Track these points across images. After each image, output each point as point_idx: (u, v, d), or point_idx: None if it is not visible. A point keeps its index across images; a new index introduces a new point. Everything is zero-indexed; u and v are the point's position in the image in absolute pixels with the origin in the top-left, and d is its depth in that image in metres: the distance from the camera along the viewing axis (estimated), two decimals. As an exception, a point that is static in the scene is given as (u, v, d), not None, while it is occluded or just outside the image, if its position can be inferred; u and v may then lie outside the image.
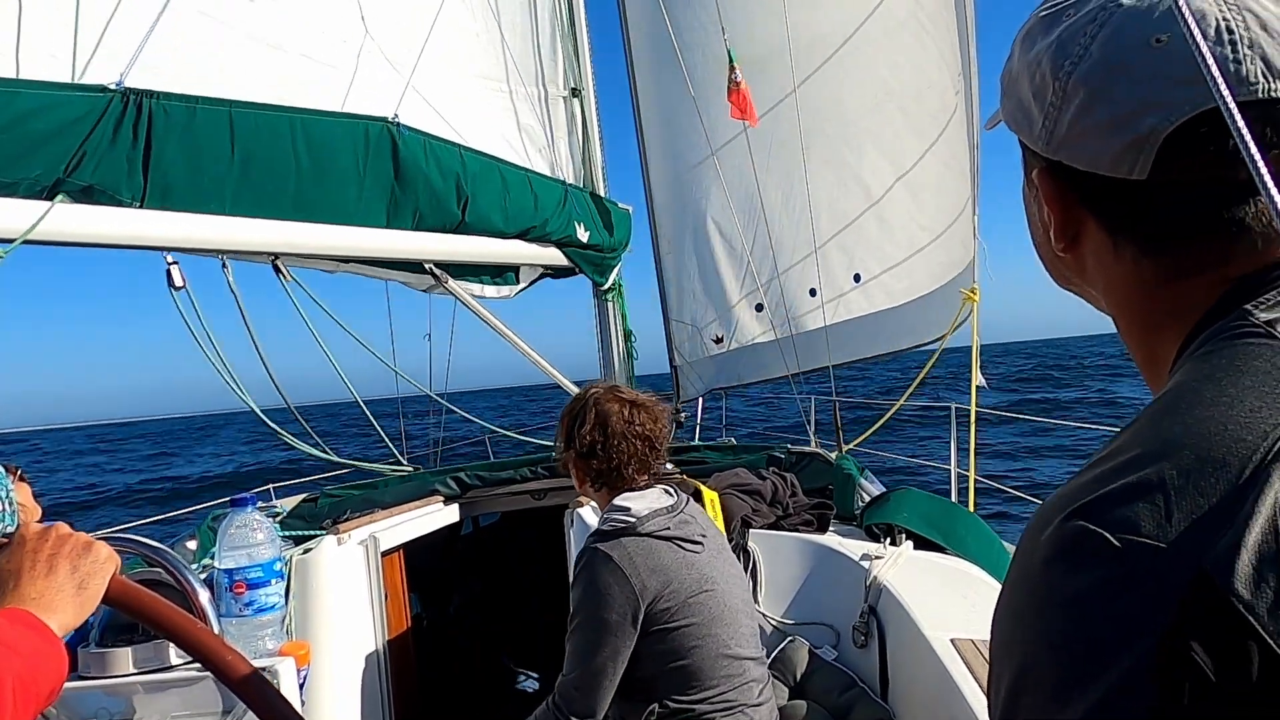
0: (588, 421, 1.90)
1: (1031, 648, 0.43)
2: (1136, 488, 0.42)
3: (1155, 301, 0.57)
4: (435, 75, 3.51)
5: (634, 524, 1.78)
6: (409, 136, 3.09)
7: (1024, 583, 0.46)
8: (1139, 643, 0.38)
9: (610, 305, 4.43)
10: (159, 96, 2.41)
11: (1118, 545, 0.40)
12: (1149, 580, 0.39)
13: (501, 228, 3.51)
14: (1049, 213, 0.61)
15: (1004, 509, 8.60)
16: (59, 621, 0.82)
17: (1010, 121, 0.63)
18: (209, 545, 2.81)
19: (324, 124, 2.84)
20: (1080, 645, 0.40)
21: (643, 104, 6.60)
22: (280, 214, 2.73)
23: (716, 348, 6.65)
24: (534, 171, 3.82)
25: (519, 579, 3.88)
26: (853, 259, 6.05)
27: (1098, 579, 0.40)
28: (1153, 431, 0.46)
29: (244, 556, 1.81)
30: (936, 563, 2.45)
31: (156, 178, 2.40)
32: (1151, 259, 0.56)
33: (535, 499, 3.25)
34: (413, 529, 2.88)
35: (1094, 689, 0.39)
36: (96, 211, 2.30)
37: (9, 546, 0.88)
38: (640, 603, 1.71)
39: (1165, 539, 0.39)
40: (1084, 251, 0.60)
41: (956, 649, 1.90)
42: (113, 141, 2.30)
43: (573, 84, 4.36)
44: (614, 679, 1.72)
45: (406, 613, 2.88)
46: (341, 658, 2.36)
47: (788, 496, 2.78)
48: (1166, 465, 0.42)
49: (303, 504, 3.33)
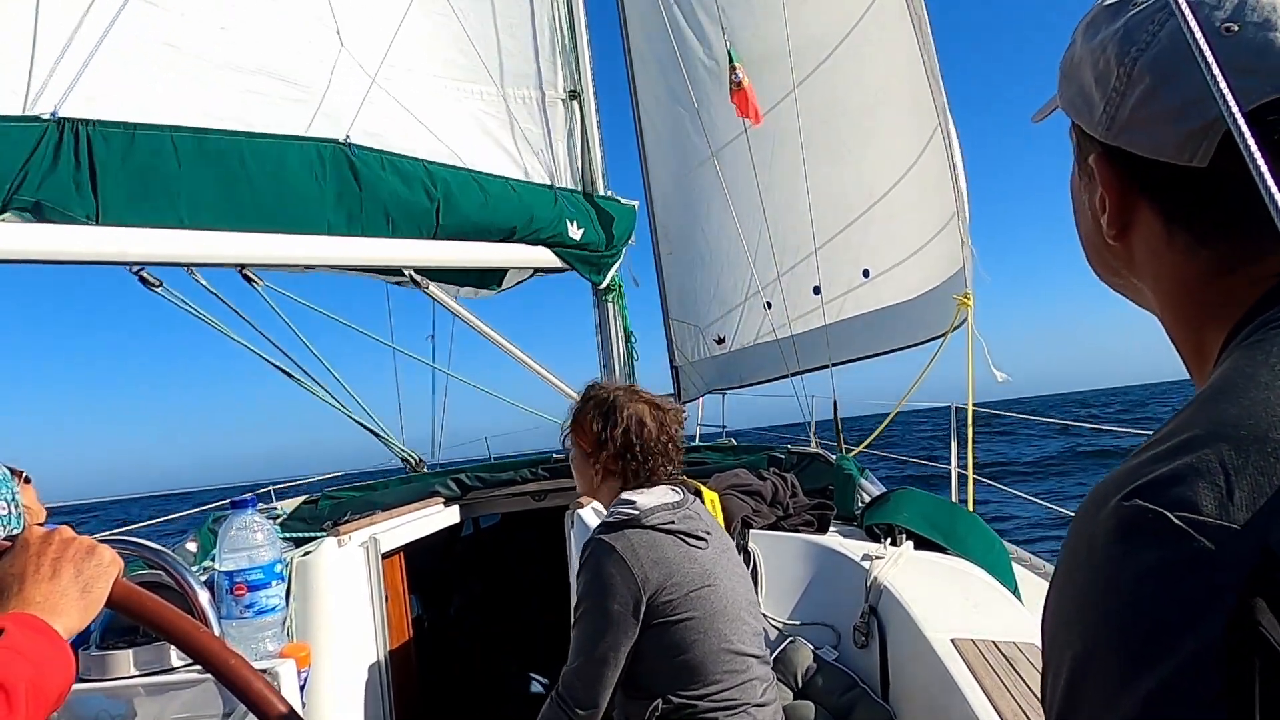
0: (621, 421, 1.89)
1: (1093, 631, 0.42)
2: (1195, 468, 0.41)
3: (1206, 293, 0.56)
4: (428, 82, 3.51)
5: (638, 516, 1.79)
6: (363, 155, 3.10)
7: (1082, 566, 0.44)
8: (1206, 624, 0.37)
9: (610, 306, 4.42)
10: (94, 124, 2.47)
11: (1179, 525, 0.39)
12: (1213, 560, 0.38)
13: (484, 230, 3.50)
14: (1103, 198, 0.60)
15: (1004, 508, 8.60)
16: (64, 625, 0.82)
17: (1069, 108, 0.63)
18: (209, 547, 2.81)
19: (273, 147, 2.87)
20: (1144, 628, 0.39)
21: (643, 105, 6.60)
22: (244, 225, 2.76)
23: (719, 348, 6.65)
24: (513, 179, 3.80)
25: (519, 580, 3.88)
26: (859, 255, 6.05)
27: (1160, 560, 0.40)
28: (1207, 414, 0.45)
29: (244, 558, 1.80)
30: (937, 563, 2.45)
31: (107, 197, 2.45)
32: (1207, 249, 0.55)
33: (535, 500, 3.25)
34: (413, 530, 2.88)
35: (1159, 671, 0.38)
36: (50, 229, 2.35)
37: (12, 550, 0.87)
38: (642, 594, 1.72)
39: (1228, 518, 0.39)
40: (1135, 241, 0.60)
41: (957, 649, 1.90)
42: (54, 164, 2.36)
43: (571, 86, 4.35)
44: (615, 669, 1.73)
45: (407, 614, 2.88)
46: (342, 660, 2.36)
47: (788, 497, 2.78)
48: (1224, 445, 0.41)
49: (303, 506, 3.33)
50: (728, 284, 6.51)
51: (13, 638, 0.74)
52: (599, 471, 1.92)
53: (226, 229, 2.73)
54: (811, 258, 5.88)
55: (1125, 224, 0.60)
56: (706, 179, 6.06)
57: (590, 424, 1.91)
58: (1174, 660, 0.38)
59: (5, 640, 0.74)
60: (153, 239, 2.56)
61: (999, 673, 1.80)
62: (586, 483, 1.97)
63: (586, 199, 4.16)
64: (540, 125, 4.16)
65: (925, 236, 5.87)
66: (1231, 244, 0.55)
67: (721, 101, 5.00)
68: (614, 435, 1.88)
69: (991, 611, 2.15)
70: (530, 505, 3.27)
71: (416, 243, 3.27)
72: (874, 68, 5.78)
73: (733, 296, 6.50)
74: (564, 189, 4.06)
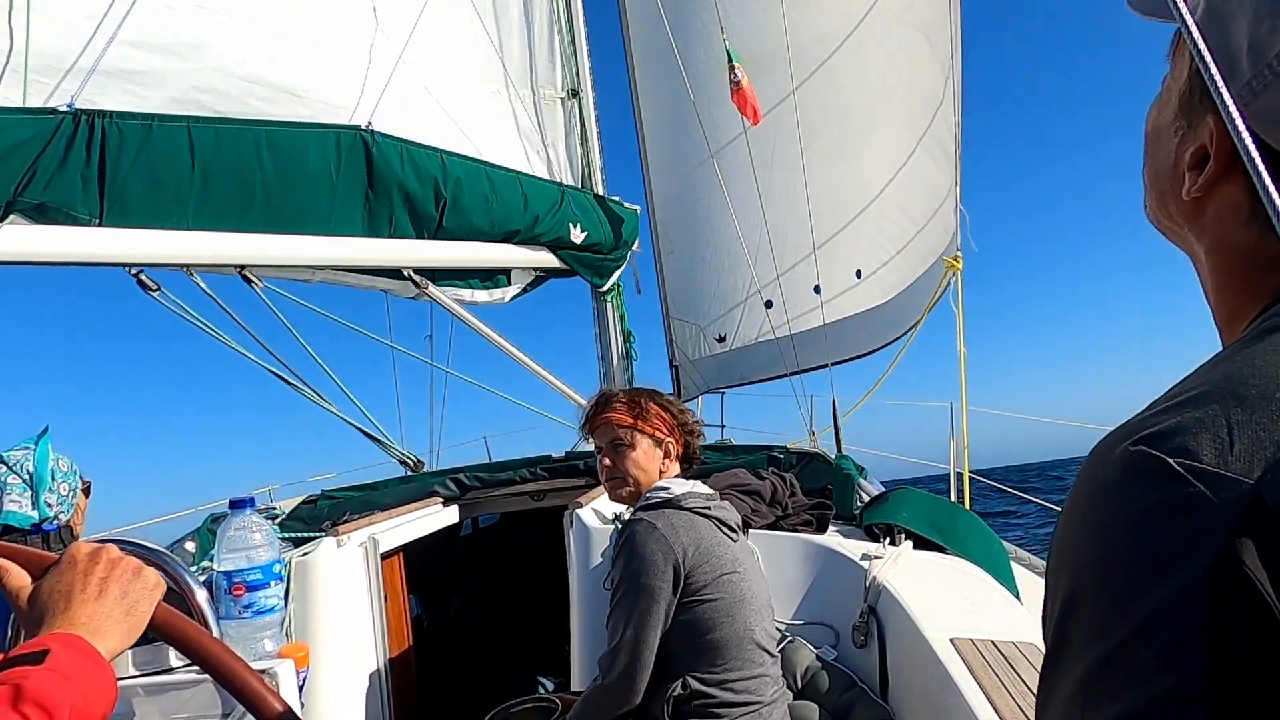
0: (687, 410, 2.08)
1: (1088, 561, 0.45)
2: (1200, 420, 0.44)
3: (1258, 272, 0.57)
4: (430, 79, 3.51)
5: (677, 498, 1.88)
6: (383, 143, 3.08)
7: (1082, 503, 0.47)
8: (1194, 560, 0.40)
9: (609, 306, 4.42)
10: (111, 116, 2.44)
11: (1178, 470, 0.42)
12: (1207, 503, 0.40)
13: (485, 231, 3.50)
14: (1200, 153, 0.58)
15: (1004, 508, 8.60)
16: (108, 647, 0.80)
17: (1203, 47, 0.55)
18: (208, 547, 2.81)
19: (291, 135, 2.85)
20: (1137, 559, 0.42)
21: (643, 104, 6.59)
22: (247, 226, 2.75)
23: (719, 346, 6.65)
24: (525, 174, 3.80)
25: (518, 580, 3.88)
26: (854, 255, 6.07)
27: (1158, 499, 0.42)
28: (1220, 371, 0.47)
29: (243, 559, 1.80)
30: (936, 562, 2.45)
31: (114, 195, 2.43)
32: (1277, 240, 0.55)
33: (534, 500, 3.25)
34: (412, 530, 2.88)
35: (1148, 600, 0.41)
36: (51, 231, 2.33)
37: (59, 565, 0.85)
38: (681, 568, 1.77)
39: (1225, 467, 0.41)
40: (1210, 205, 0.59)
41: (956, 648, 1.90)
42: (64, 161, 2.33)
43: (571, 85, 4.35)
44: (654, 645, 1.76)
45: (406, 614, 2.88)
46: (341, 660, 2.36)
47: (787, 497, 2.78)
48: (1231, 401, 0.44)
49: (302, 506, 3.33)
50: (729, 283, 6.51)
51: (57, 659, 0.73)
52: (672, 454, 2.02)
53: (229, 229, 2.72)
54: (811, 257, 5.90)
55: (1211, 187, 0.58)
56: (707, 178, 6.06)
57: (660, 411, 2.03)
58: (1162, 591, 0.40)
59: (50, 662, 0.72)
60: (155, 240, 2.55)
61: (998, 672, 1.80)
62: (650, 472, 2.00)
63: (596, 199, 4.16)
64: (540, 124, 4.16)
65: (909, 235, 5.90)
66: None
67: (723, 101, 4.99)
68: (684, 419, 2.04)
69: (990, 611, 2.16)
70: (529, 505, 3.27)
71: (417, 243, 3.27)
72: (875, 66, 5.80)
73: (733, 295, 6.50)
74: (570, 187, 4.05)
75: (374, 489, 3.32)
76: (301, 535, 2.78)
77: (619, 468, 1.99)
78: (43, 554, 0.87)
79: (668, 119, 6.46)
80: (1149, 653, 0.40)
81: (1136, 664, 0.41)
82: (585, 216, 3.97)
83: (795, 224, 5.87)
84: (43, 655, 0.72)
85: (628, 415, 2.01)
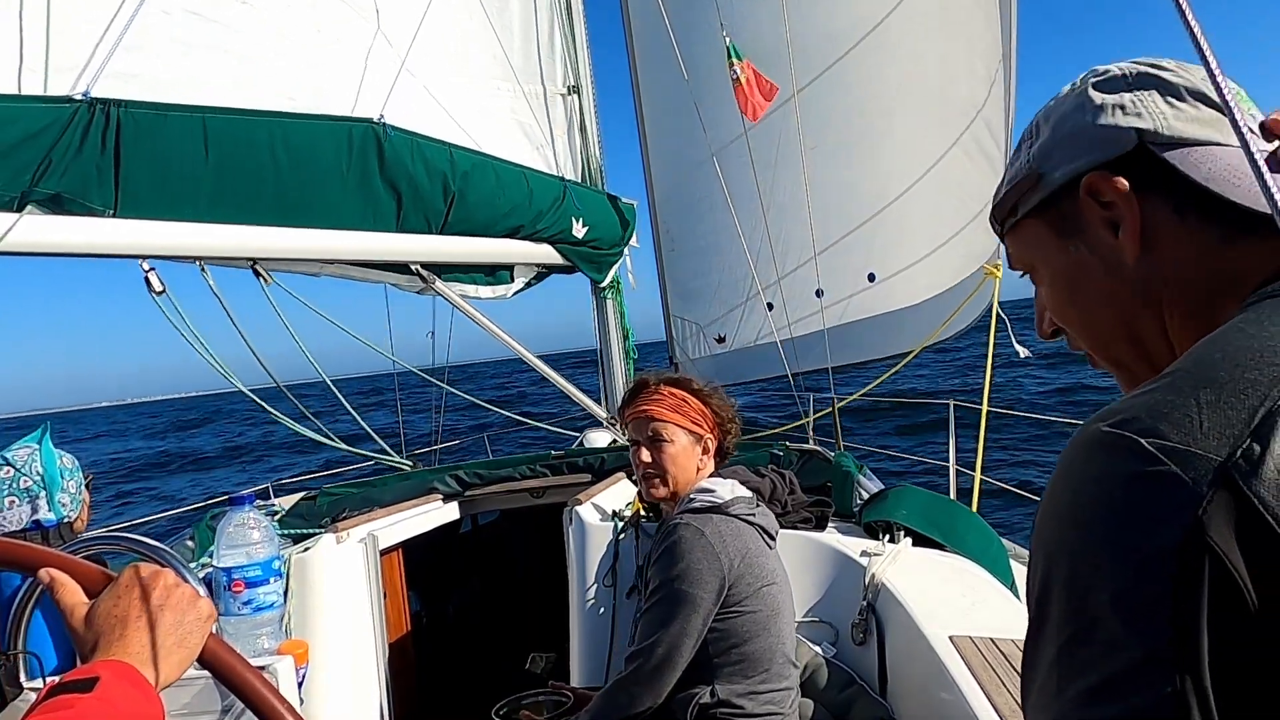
0: (725, 401, 2.00)
1: (1064, 537, 0.47)
2: (1172, 402, 0.46)
3: (1222, 262, 0.60)
4: (433, 74, 3.51)
5: (724, 504, 1.82)
6: (395, 137, 3.08)
7: (1062, 481, 0.49)
8: (1164, 532, 0.41)
9: (609, 302, 4.42)
10: (127, 105, 2.41)
11: (1149, 449, 0.44)
12: (1176, 479, 0.42)
13: (490, 226, 3.50)
14: (1124, 215, 0.63)
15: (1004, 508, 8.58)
16: (158, 677, 0.78)
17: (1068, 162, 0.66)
18: (207, 544, 2.81)
19: (305, 128, 2.84)
20: (1109, 535, 0.44)
21: (645, 102, 6.59)
22: (258, 219, 2.73)
23: (719, 347, 6.65)
24: (531, 168, 3.80)
25: (518, 577, 3.88)
26: (867, 258, 6.02)
27: (1129, 476, 0.44)
28: (1193, 358, 0.49)
29: (242, 555, 1.80)
30: (935, 560, 2.45)
31: (128, 185, 2.40)
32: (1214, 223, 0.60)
33: (534, 497, 3.24)
34: (412, 527, 2.88)
35: (1119, 573, 0.42)
36: (67, 221, 2.31)
37: (115, 587, 0.83)
38: (726, 580, 1.73)
39: (1195, 445, 0.43)
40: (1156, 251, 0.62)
41: (955, 646, 1.90)
42: (79, 150, 2.30)
43: (571, 81, 4.35)
44: (689, 655, 1.72)
45: (405, 611, 2.88)
46: (340, 656, 2.36)
47: (786, 494, 2.77)
48: (1200, 382, 0.46)
49: (301, 502, 3.33)
50: (730, 283, 6.50)
51: (107, 689, 0.71)
52: (709, 450, 1.95)
53: (241, 222, 2.69)
54: (814, 261, 5.86)
55: (1149, 235, 0.62)
56: (709, 175, 6.05)
57: (700, 403, 1.94)
58: (1131, 564, 0.42)
59: (99, 690, 0.70)
60: (170, 232, 2.52)
61: (996, 670, 1.80)
62: (689, 470, 1.93)
63: (597, 193, 4.17)
64: (541, 120, 4.16)
65: (939, 240, 5.83)
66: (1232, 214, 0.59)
67: (725, 99, 4.98)
68: (722, 413, 1.96)
69: (989, 608, 2.16)
70: (529, 502, 3.27)
71: (427, 237, 3.27)
72: (898, 66, 5.73)
73: (734, 296, 6.49)
74: (572, 181, 4.06)
75: (373, 486, 3.31)
76: (301, 532, 2.77)
77: (659, 464, 1.90)
78: (100, 571, 0.85)
79: (669, 116, 6.45)
80: (1119, 623, 0.42)
81: (1108, 635, 0.42)
82: (587, 211, 3.97)
83: (799, 226, 5.82)
84: (92, 683, 0.71)
85: (668, 407, 1.91)
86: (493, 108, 3.89)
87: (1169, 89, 0.64)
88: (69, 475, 2.18)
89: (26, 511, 2.02)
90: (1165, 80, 0.64)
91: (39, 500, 2.04)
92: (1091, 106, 0.65)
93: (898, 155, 5.92)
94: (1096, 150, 0.64)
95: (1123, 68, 0.67)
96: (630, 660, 1.76)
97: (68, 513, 2.13)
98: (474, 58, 3.82)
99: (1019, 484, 5.79)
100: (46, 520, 2.05)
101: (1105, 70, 0.67)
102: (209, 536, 2.93)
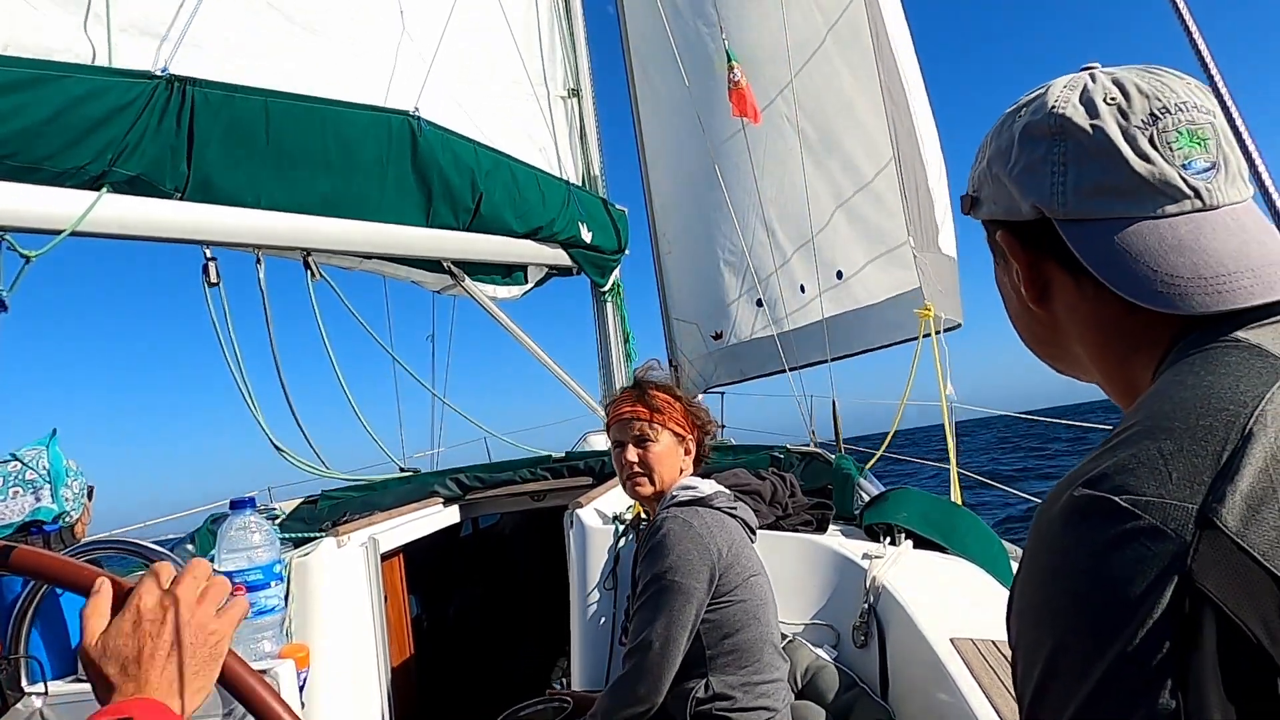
0: (701, 406, 2.08)
1: (1057, 607, 0.47)
2: (1136, 457, 0.47)
3: (1126, 329, 0.60)
4: (447, 73, 3.51)
5: (708, 497, 1.87)
6: (429, 131, 3.08)
7: (1041, 551, 0.49)
8: (1155, 589, 0.42)
9: (609, 306, 4.43)
10: (200, 84, 2.35)
11: (1125, 506, 0.45)
12: (1156, 533, 0.43)
13: (513, 226, 3.52)
14: (1018, 271, 0.65)
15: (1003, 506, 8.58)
16: (184, 707, 0.75)
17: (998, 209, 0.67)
18: (208, 547, 2.81)
19: (350, 116, 2.82)
20: (1101, 598, 0.44)
21: (641, 104, 6.61)
22: (310, 208, 2.70)
23: (716, 343, 6.67)
24: (540, 170, 3.82)
25: (519, 580, 3.88)
26: (834, 256, 6.05)
27: (1110, 537, 0.44)
28: (1145, 412, 0.50)
29: (243, 559, 1.80)
30: (936, 562, 2.45)
31: (199, 167, 2.34)
32: (1108, 290, 0.60)
33: (534, 500, 3.25)
34: (412, 531, 2.88)
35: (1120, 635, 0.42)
36: (143, 203, 2.24)
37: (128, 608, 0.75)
38: (716, 569, 1.76)
39: (1167, 495, 0.44)
40: (1056, 304, 0.64)
41: (956, 648, 1.90)
42: (158, 129, 2.25)
43: (571, 84, 4.36)
44: (685, 646, 1.74)
45: (406, 615, 2.88)
46: (341, 660, 2.36)
47: (787, 497, 2.78)
48: (1160, 434, 0.47)
49: (302, 506, 3.33)
50: (723, 281, 6.55)
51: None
52: (690, 451, 2.00)
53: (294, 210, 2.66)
54: (796, 256, 5.95)
55: (1043, 287, 0.65)
56: (702, 176, 6.08)
57: (683, 406, 2.01)
58: (1132, 624, 0.42)
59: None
60: (235, 218, 2.47)
61: (998, 672, 1.80)
62: (673, 469, 1.97)
63: (603, 203, 4.20)
64: (543, 122, 4.17)
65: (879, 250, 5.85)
66: None
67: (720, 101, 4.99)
68: (700, 416, 2.02)
69: (990, 611, 2.15)
70: (529, 505, 3.27)
71: (460, 234, 3.28)
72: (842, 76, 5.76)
73: (728, 293, 6.53)
74: (578, 187, 4.07)
75: (374, 489, 3.31)
76: (302, 535, 2.77)
77: (645, 463, 1.94)
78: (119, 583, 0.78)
79: (666, 117, 6.47)
80: (1127, 684, 0.42)
81: (1117, 696, 0.42)
82: (589, 216, 3.99)
83: (784, 223, 5.93)
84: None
85: (654, 409, 1.97)
86: (501, 108, 3.89)
87: (1095, 146, 0.59)
88: (73, 475, 2.21)
89: (30, 501, 2.05)
90: (1092, 133, 0.59)
91: (42, 491, 2.07)
92: (1012, 156, 0.64)
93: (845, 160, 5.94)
94: (1005, 204, 0.65)
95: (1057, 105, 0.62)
96: (629, 657, 1.77)
97: (70, 508, 2.15)
98: (480, 58, 3.83)
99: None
100: (47, 510, 2.08)
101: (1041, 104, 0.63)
102: (209, 540, 2.93)
